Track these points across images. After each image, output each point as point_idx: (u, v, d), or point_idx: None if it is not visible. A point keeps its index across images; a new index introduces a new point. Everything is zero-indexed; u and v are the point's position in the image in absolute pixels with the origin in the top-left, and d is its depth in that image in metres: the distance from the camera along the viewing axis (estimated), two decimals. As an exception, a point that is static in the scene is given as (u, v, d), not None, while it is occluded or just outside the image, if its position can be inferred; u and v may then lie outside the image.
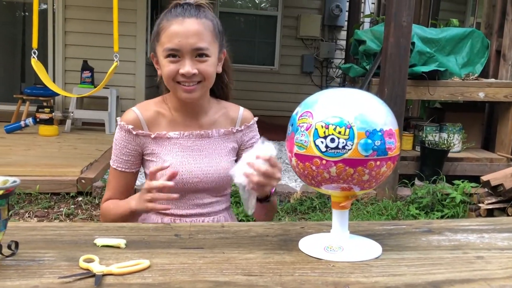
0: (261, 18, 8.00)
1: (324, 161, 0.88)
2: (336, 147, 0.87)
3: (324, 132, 0.87)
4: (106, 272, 0.82)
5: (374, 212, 3.33)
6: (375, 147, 0.87)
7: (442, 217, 3.36)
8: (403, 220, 3.36)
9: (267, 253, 0.94)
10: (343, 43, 7.70)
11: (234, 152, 1.37)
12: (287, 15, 7.74)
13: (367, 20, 7.47)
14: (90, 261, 0.86)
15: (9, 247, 0.89)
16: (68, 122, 5.31)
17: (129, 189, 1.34)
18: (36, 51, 3.48)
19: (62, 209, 3.19)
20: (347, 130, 0.86)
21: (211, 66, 1.23)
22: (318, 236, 1.03)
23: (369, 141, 0.87)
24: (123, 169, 1.30)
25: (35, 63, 3.52)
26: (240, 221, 2.49)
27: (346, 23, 7.52)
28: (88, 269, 0.83)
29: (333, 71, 7.79)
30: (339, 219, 0.98)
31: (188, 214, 1.30)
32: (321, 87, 7.99)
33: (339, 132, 0.86)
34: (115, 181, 1.32)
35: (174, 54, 1.20)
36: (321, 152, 0.88)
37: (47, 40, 5.81)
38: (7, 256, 0.88)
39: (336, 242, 0.96)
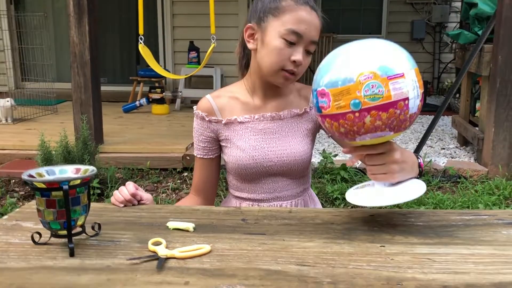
0: (366, -16, 7.65)
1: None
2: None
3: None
4: (169, 256, 0.89)
5: (484, 192, 3.08)
6: None
7: None
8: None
9: (327, 242, 0.94)
10: (459, 5, 7.08)
11: (312, 133, 1.34)
12: (394, -21, 7.31)
13: (487, -23, 6.75)
14: (158, 243, 0.94)
15: (92, 228, 1.00)
16: (178, 101, 5.65)
17: (212, 176, 1.39)
18: (142, 37, 3.73)
19: (169, 183, 3.44)
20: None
21: (309, 63, 1.24)
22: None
23: None
24: (202, 156, 1.37)
25: (142, 48, 3.77)
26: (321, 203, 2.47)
27: (462, -18, 6.90)
28: (154, 252, 0.91)
29: (447, 37, 7.23)
30: None
31: (265, 198, 1.31)
32: (434, 54, 7.48)
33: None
34: (197, 168, 1.40)
35: (292, 41, 1.18)
36: None
37: (157, 23, 6.19)
38: (91, 236, 0.99)
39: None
